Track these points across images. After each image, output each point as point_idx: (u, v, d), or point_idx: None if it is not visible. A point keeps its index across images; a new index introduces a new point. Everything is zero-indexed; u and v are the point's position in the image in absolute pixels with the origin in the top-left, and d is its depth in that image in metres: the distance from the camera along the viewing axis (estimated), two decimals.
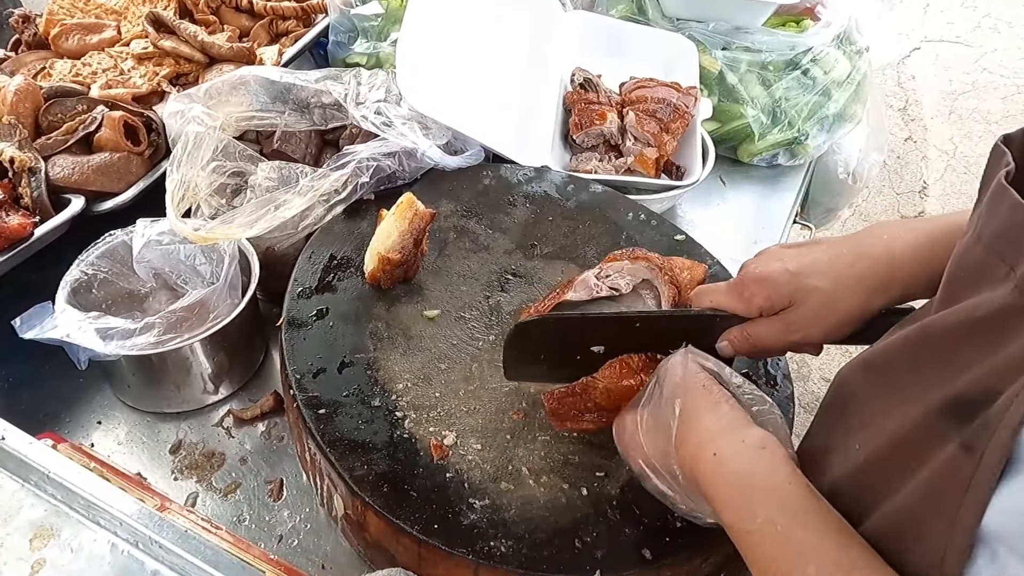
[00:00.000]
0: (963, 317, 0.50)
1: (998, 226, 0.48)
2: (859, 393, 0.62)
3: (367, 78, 1.15)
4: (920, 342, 0.55)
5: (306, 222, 0.99)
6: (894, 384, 0.57)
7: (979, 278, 0.49)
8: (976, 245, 0.51)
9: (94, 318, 0.92)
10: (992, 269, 0.48)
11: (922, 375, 0.53)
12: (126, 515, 0.70)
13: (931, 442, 0.50)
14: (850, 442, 0.60)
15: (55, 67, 1.31)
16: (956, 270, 0.53)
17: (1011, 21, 4.38)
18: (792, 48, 1.48)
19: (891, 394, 0.56)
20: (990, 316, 0.47)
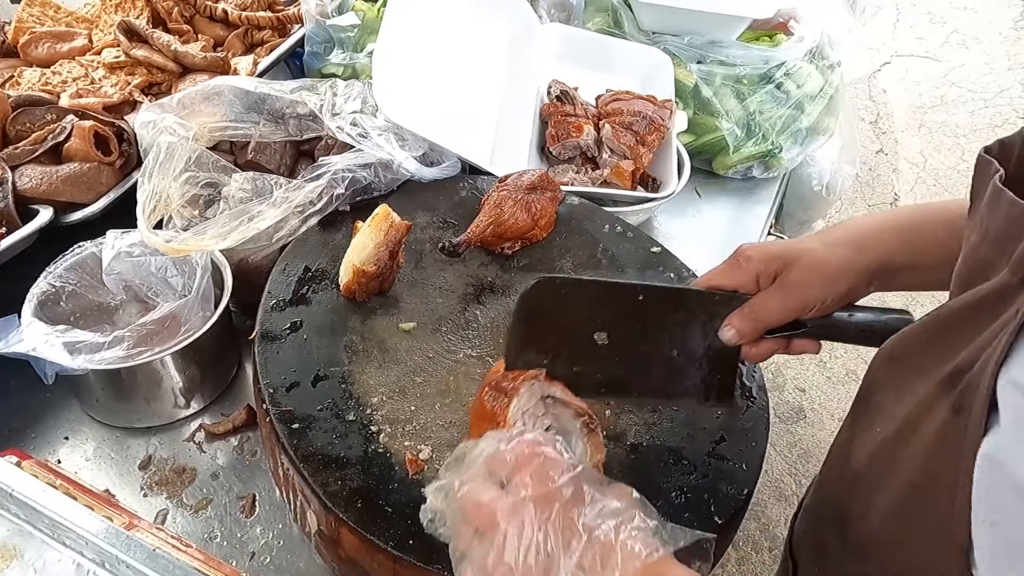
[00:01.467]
0: (965, 301, 0.53)
1: (999, 223, 0.51)
2: (880, 381, 0.64)
3: (343, 89, 1.15)
4: (935, 325, 0.57)
5: (280, 234, 0.98)
6: (909, 369, 0.59)
7: (985, 271, 0.52)
8: (983, 243, 0.54)
9: (62, 331, 0.90)
10: (996, 262, 0.51)
11: (929, 356, 0.56)
12: (92, 534, 0.68)
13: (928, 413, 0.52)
14: (871, 427, 0.62)
15: (24, 75, 1.29)
16: (967, 268, 0.56)
17: (978, 37, 4.48)
18: (766, 62, 1.50)
19: (906, 379, 0.59)
20: (986, 296, 0.50)
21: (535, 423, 0.74)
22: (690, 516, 0.78)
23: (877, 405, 0.63)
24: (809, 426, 2.42)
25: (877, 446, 0.60)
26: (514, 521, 0.55)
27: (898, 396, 0.59)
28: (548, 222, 1.07)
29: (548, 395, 0.75)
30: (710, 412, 0.87)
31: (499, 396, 0.73)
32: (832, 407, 2.48)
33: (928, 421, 0.52)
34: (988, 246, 0.53)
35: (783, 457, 2.32)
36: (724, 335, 0.76)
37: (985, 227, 0.53)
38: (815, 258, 0.75)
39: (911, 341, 0.61)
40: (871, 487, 0.59)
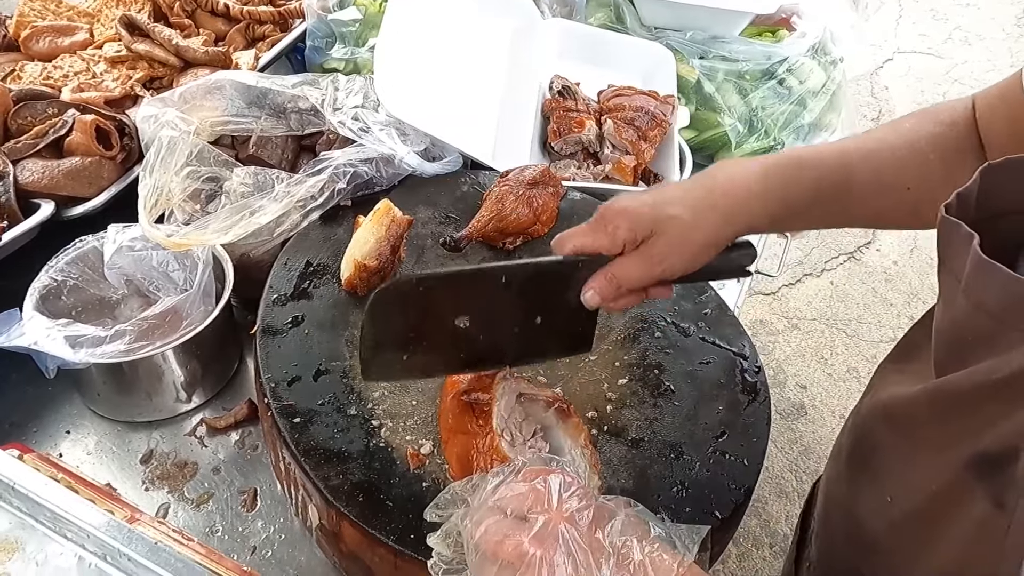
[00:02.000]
0: (983, 378, 0.51)
1: (1000, 298, 0.50)
2: (884, 444, 0.62)
3: (344, 84, 1.15)
4: (943, 399, 0.56)
5: (282, 228, 0.98)
6: (921, 438, 0.58)
7: (991, 343, 0.51)
8: (979, 316, 0.52)
9: (63, 325, 0.90)
10: (1004, 335, 0.50)
11: (947, 431, 0.54)
12: (93, 527, 0.68)
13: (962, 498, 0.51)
14: (880, 493, 0.60)
15: (25, 70, 1.29)
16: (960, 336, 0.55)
17: (980, 33, 4.47)
18: (768, 58, 1.50)
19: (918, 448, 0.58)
20: (1010, 377, 0.49)
21: (519, 430, 0.74)
22: (691, 511, 0.78)
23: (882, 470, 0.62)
24: (810, 423, 2.42)
25: (898, 520, 0.58)
26: (543, 549, 0.54)
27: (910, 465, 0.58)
28: (550, 217, 1.07)
29: (519, 394, 0.76)
30: (712, 407, 0.88)
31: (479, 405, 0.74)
32: (833, 404, 2.48)
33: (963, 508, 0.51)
34: (987, 319, 0.52)
35: (784, 453, 2.32)
36: (587, 299, 0.75)
37: (977, 300, 0.52)
38: (682, 229, 0.74)
39: (913, 409, 0.60)
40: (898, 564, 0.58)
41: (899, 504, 0.58)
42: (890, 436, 0.62)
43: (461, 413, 0.78)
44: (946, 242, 0.55)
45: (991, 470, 0.50)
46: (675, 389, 0.89)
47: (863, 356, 2.62)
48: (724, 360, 0.93)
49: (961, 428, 0.53)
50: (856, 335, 2.70)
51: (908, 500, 0.57)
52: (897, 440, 0.61)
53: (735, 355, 0.94)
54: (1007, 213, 0.56)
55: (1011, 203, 0.56)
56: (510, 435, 0.75)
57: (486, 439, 0.74)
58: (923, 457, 0.57)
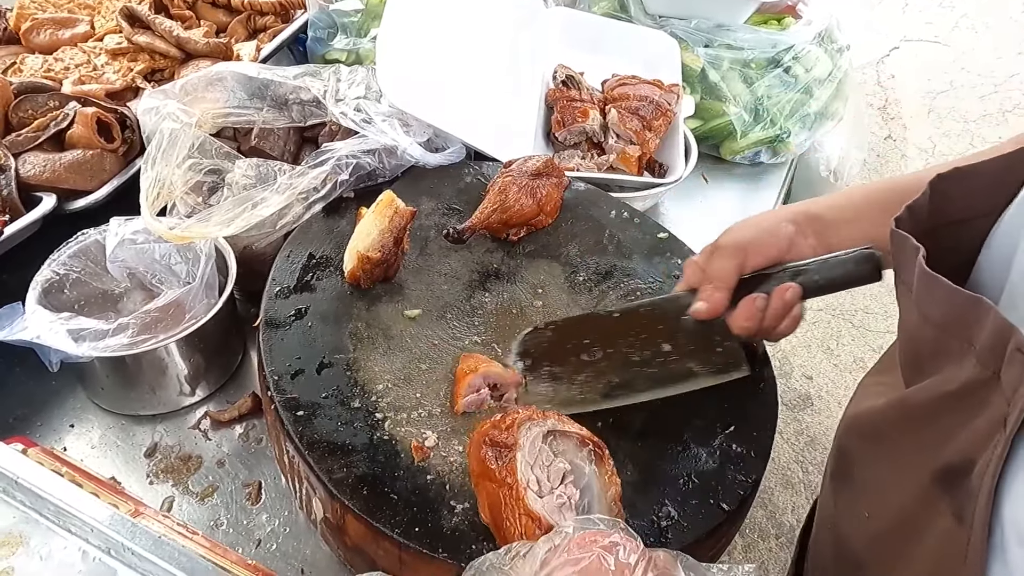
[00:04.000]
0: (937, 391, 0.53)
1: (943, 310, 0.52)
2: (858, 460, 0.64)
3: (347, 74, 1.14)
4: (904, 413, 0.58)
5: (284, 220, 0.98)
6: (888, 453, 0.59)
7: (940, 354, 0.53)
8: (927, 327, 0.54)
9: (66, 319, 0.90)
10: (949, 345, 0.52)
11: (911, 445, 0.56)
12: (97, 521, 0.68)
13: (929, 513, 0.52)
14: (858, 509, 0.61)
15: (26, 62, 1.28)
16: (915, 347, 0.57)
17: (987, 22, 4.43)
18: (774, 46, 1.48)
19: (887, 462, 0.59)
20: (960, 389, 0.51)
21: (547, 475, 0.70)
22: (698, 504, 0.77)
23: (859, 486, 0.63)
24: (816, 413, 2.41)
25: (875, 536, 0.59)
26: None
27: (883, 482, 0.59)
28: (554, 208, 1.06)
29: (548, 431, 0.72)
30: (718, 399, 0.87)
31: (501, 453, 0.70)
32: (839, 395, 2.47)
33: (929, 522, 0.52)
34: (934, 330, 0.53)
35: (790, 445, 2.32)
36: (696, 309, 0.81)
37: (924, 312, 0.54)
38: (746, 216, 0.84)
39: (880, 422, 0.61)
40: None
41: (875, 520, 0.59)
42: (863, 450, 0.63)
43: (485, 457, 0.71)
44: (899, 254, 0.56)
45: (952, 483, 0.50)
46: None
47: (869, 347, 2.61)
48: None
49: (924, 441, 0.54)
50: (862, 325, 2.68)
51: (883, 516, 0.58)
52: (869, 454, 0.62)
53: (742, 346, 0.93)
54: (959, 221, 0.57)
55: (962, 211, 0.57)
56: (536, 483, 0.70)
57: (512, 490, 0.69)
58: (893, 471, 0.57)
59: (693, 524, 0.76)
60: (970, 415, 0.50)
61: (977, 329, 0.49)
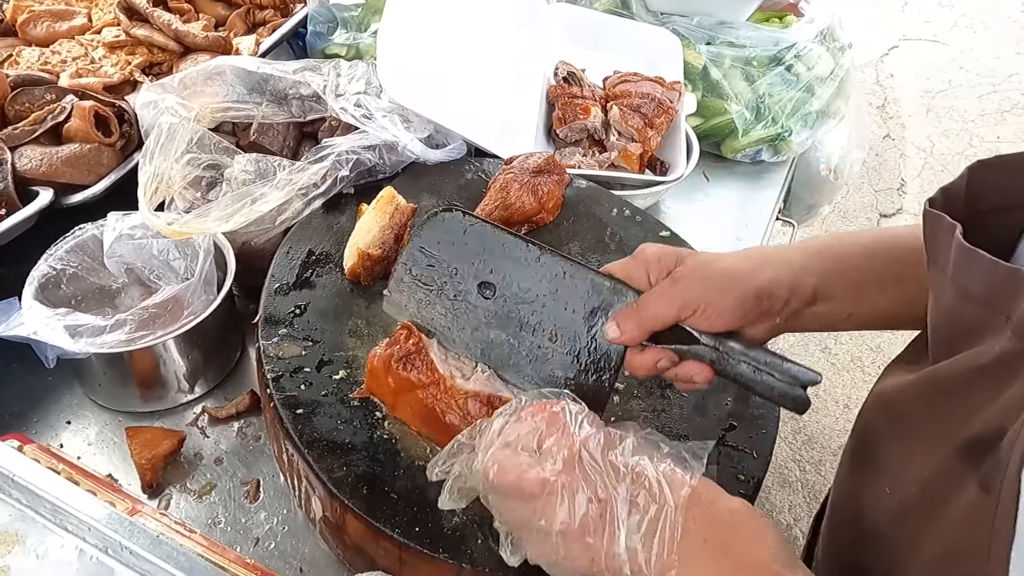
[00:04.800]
0: (969, 364, 0.52)
1: (983, 284, 0.51)
2: (881, 438, 0.62)
3: (347, 69, 1.13)
4: (933, 387, 0.56)
5: (284, 216, 0.97)
6: (913, 428, 0.58)
7: (978, 330, 0.52)
8: (966, 303, 0.53)
9: (63, 315, 0.89)
10: (991, 320, 0.51)
11: (939, 419, 0.55)
12: (94, 520, 0.67)
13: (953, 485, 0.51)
14: (880, 484, 0.60)
15: (22, 55, 1.27)
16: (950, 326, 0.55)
17: (986, 21, 4.44)
18: (776, 44, 1.48)
19: (912, 437, 0.58)
20: (994, 361, 0.50)
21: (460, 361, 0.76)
22: None
23: (881, 462, 0.62)
24: (813, 412, 2.41)
25: (896, 510, 0.59)
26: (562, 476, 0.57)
27: (907, 457, 0.58)
28: (555, 205, 1.06)
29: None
30: (720, 399, 0.86)
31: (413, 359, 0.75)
32: (837, 394, 2.47)
33: (955, 495, 0.51)
34: (974, 306, 0.52)
35: (787, 444, 2.32)
36: (608, 331, 0.72)
37: (962, 287, 0.52)
38: (709, 258, 0.72)
39: (908, 398, 0.60)
40: (897, 554, 0.58)
41: (897, 494, 0.58)
42: (887, 427, 0.62)
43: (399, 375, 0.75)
44: (931, 236, 0.55)
45: (979, 454, 0.50)
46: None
47: (867, 345, 2.62)
48: None
49: (951, 415, 0.53)
50: None
51: (905, 490, 0.57)
52: (894, 430, 0.61)
53: None
54: (996, 209, 0.56)
55: (1000, 199, 0.56)
56: (459, 371, 0.76)
57: (440, 384, 0.74)
58: (918, 446, 0.57)
59: None
60: (1002, 387, 0.49)
61: (1016, 301, 0.48)
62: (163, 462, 0.90)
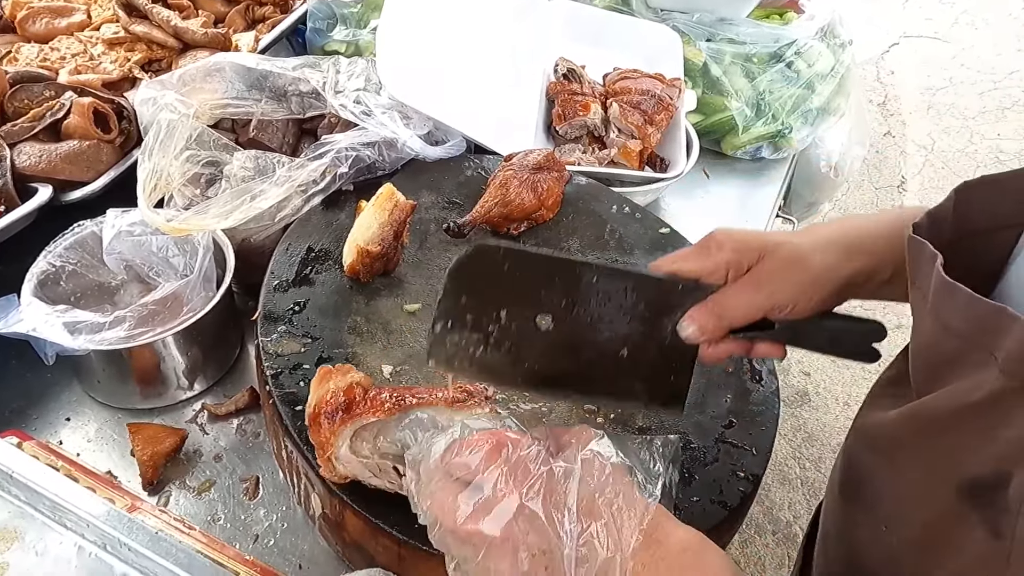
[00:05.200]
0: (959, 402, 0.50)
1: (964, 319, 0.49)
2: (871, 474, 0.61)
3: (346, 66, 1.13)
4: (919, 424, 0.55)
5: (283, 213, 0.97)
6: (905, 465, 0.56)
7: (959, 364, 0.50)
8: (947, 337, 0.51)
9: (62, 311, 0.89)
10: (972, 355, 0.49)
11: (931, 457, 0.53)
12: (93, 516, 0.67)
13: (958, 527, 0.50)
14: (875, 522, 0.59)
15: (21, 51, 1.27)
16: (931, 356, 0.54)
17: (987, 18, 4.43)
18: (776, 40, 1.48)
19: (905, 476, 0.56)
20: (984, 400, 0.48)
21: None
22: (699, 501, 0.77)
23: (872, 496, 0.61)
24: (814, 410, 2.41)
25: (896, 550, 0.57)
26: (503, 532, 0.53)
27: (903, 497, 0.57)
28: (555, 202, 1.06)
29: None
30: (720, 396, 0.86)
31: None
32: (837, 391, 2.47)
33: (961, 537, 0.50)
34: (954, 340, 0.51)
35: (787, 441, 2.32)
36: (684, 331, 0.68)
37: (944, 321, 0.51)
38: (795, 254, 0.67)
39: (893, 433, 0.58)
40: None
41: (895, 532, 0.57)
42: (875, 462, 0.61)
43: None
44: (915, 261, 0.54)
45: (985, 497, 0.49)
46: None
47: None
48: None
49: (943, 452, 0.52)
50: None
51: (904, 528, 0.56)
52: (883, 466, 0.60)
53: None
54: (983, 231, 0.55)
55: (987, 221, 0.55)
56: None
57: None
58: (911, 483, 0.56)
59: (694, 522, 0.75)
60: (995, 426, 0.48)
61: (1001, 339, 0.47)
62: (164, 459, 0.90)
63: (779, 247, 0.68)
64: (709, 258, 0.68)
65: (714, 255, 0.68)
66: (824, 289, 0.67)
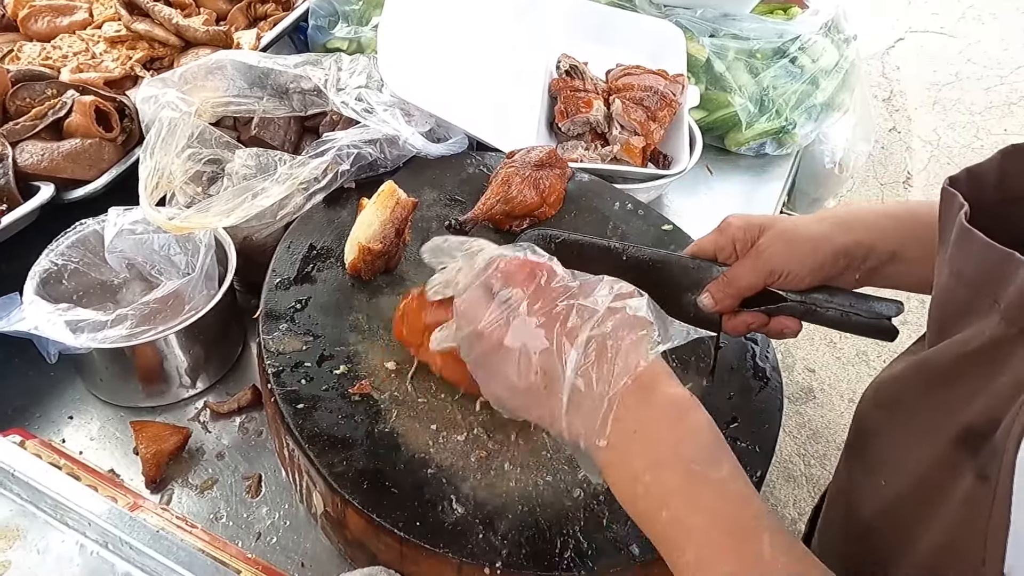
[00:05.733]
0: (958, 351, 0.52)
1: (976, 265, 0.50)
2: (875, 429, 0.62)
3: (348, 63, 1.12)
4: (923, 376, 0.56)
5: (285, 211, 0.97)
6: (907, 418, 0.57)
7: (967, 313, 0.51)
8: (958, 285, 0.52)
9: (64, 310, 0.89)
10: (977, 303, 0.50)
11: (931, 408, 0.54)
12: (95, 515, 0.67)
13: (949, 475, 0.50)
14: (875, 479, 0.60)
15: (23, 50, 1.27)
16: (944, 308, 0.55)
17: (994, 12, 4.40)
18: (780, 36, 1.47)
19: (905, 428, 0.57)
20: (983, 347, 0.49)
21: None
22: None
23: (876, 455, 0.62)
24: (819, 407, 2.40)
25: (890, 503, 0.58)
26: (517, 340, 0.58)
27: (902, 449, 0.58)
28: (557, 199, 1.05)
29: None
30: (723, 393, 0.86)
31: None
32: (842, 388, 2.46)
33: (952, 485, 0.51)
34: (964, 288, 0.52)
35: (792, 438, 2.31)
36: (701, 301, 0.80)
37: (957, 269, 0.52)
38: (791, 225, 0.77)
39: (898, 389, 0.60)
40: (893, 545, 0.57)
41: (892, 487, 0.58)
42: (880, 417, 0.62)
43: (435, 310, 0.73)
44: (944, 215, 0.55)
45: (976, 444, 0.49)
46: (685, 374, 0.87)
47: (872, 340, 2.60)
48: (735, 345, 0.92)
49: (945, 402, 0.53)
50: None
51: (900, 480, 0.57)
52: (887, 421, 0.61)
53: (746, 340, 0.92)
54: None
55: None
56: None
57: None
58: (912, 437, 0.56)
59: None
60: (993, 374, 0.48)
61: (1006, 285, 0.47)
62: (168, 458, 0.90)
63: (778, 221, 0.78)
64: (721, 236, 0.80)
65: (724, 233, 0.80)
66: (818, 256, 0.75)
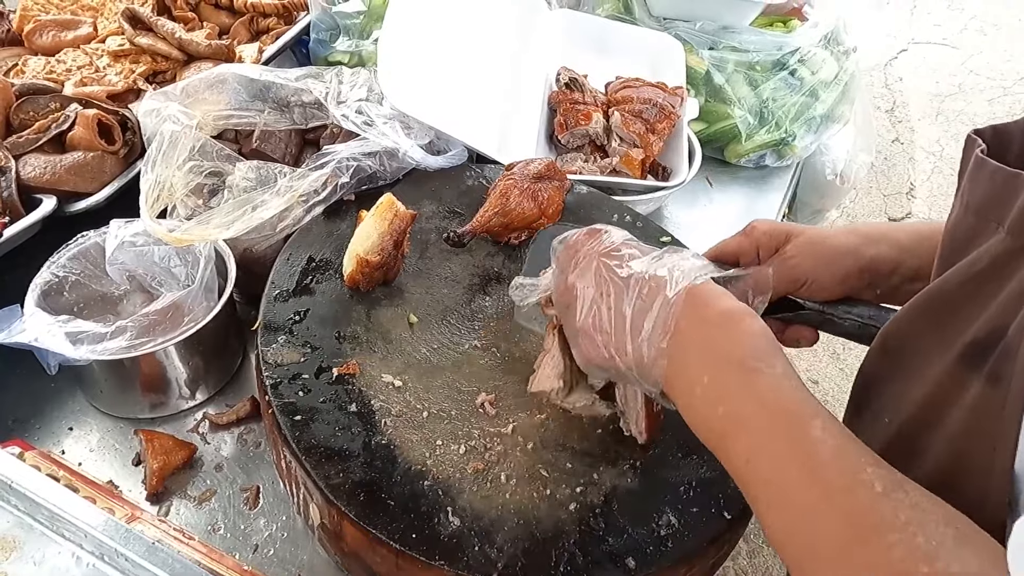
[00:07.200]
0: (965, 273, 0.51)
1: (984, 190, 0.51)
2: (881, 375, 0.62)
3: (349, 77, 1.13)
4: (928, 307, 0.56)
5: (284, 223, 0.97)
6: (912, 354, 0.57)
7: (971, 240, 0.52)
8: (965, 215, 0.53)
9: (64, 321, 0.90)
10: (982, 229, 0.51)
11: (937, 337, 0.54)
12: (91, 527, 0.67)
13: (955, 390, 0.50)
14: (877, 420, 0.60)
15: (28, 64, 1.28)
16: (950, 241, 0.56)
17: (997, 23, 4.41)
18: (779, 48, 1.47)
19: (911, 364, 0.57)
20: (988, 265, 0.49)
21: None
22: (699, 511, 0.76)
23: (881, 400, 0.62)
24: None
25: (892, 435, 0.58)
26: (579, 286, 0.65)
27: (904, 384, 0.57)
28: (556, 211, 1.05)
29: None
30: None
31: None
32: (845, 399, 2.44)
33: (958, 399, 0.50)
34: (971, 216, 0.52)
35: None
36: None
37: (966, 200, 0.53)
38: (818, 235, 0.77)
39: (905, 326, 0.59)
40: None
41: (896, 419, 0.58)
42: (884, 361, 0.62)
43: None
44: (965, 160, 0.55)
45: (982, 354, 0.49)
46: None
47: None
48: None
49: (951, 327, 0.53)
50: None
51: (904, 409, 0.57)
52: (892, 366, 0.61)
53: None
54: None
55: None
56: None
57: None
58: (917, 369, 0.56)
59: (694, 532, 0.75)
60: (998, 289, 0.48)
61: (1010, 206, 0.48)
62: (173, 471, 0.90)
63: (806, 230, 0.78)
64: (746, 239, 0.80)
65: (749, 237, 0.80)
66: (843, 267, 0.74)
